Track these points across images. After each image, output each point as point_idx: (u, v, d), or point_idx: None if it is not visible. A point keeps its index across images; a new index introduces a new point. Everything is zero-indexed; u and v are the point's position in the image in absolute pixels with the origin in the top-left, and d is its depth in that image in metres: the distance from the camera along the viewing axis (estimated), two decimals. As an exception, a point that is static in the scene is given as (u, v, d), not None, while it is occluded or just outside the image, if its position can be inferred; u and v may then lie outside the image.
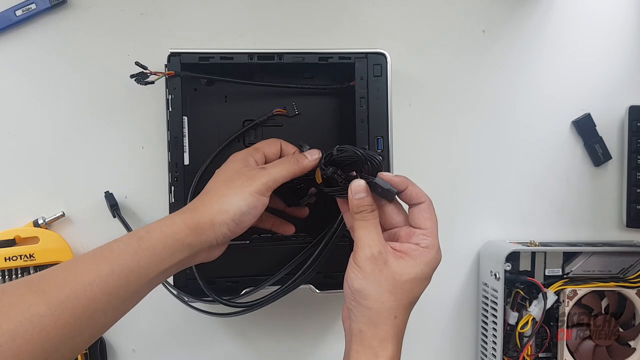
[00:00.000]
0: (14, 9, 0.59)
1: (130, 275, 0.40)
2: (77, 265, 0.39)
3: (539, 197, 0.68)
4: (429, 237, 0.44)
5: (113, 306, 0.39)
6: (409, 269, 0.43)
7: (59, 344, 0.36)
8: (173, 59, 0.53)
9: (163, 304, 0.61)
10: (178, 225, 0.43)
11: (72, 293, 0.37)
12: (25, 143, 0.61)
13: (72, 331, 0.37)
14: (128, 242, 0.41)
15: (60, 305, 0.36)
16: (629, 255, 0.64)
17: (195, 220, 0.44)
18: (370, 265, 0.42)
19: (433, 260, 0.44)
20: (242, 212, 0.45)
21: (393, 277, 0.42)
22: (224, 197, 0.45)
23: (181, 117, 0.53)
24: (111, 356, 0.64)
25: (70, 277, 0.38)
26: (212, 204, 0.45)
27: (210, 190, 0.47)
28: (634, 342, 0.64)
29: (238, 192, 0.45)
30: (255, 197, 0.45)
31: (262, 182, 0.46)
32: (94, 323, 0.38)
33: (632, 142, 0.67)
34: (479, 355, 0.67)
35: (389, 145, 0.56)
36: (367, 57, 0.55)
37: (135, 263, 0.40)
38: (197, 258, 0.45)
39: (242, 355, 0.66)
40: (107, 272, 0.39)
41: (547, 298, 0.61)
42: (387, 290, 0.42)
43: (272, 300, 0.53)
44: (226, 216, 0.44)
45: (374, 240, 0.43)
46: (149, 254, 0.41)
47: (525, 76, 0.67)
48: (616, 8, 0.68)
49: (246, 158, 0.49)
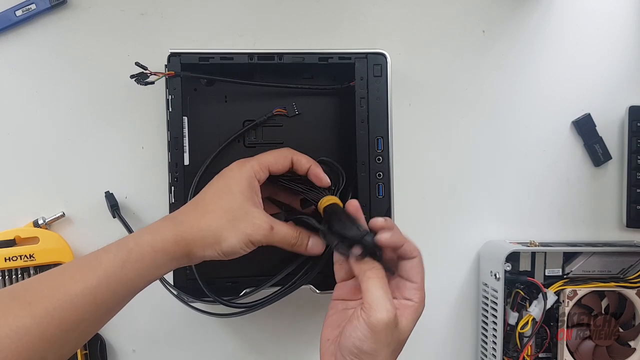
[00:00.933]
0: (14, 9, 0.59)
1: (117, 287, 0.40)
2: (64, 274, 0.39)
3: (539, 197, 0.68)
4: (419, 292, 0.45)
5: (99, 316, 0.40)
6: (408, 327, 0.43)
7: (45, 354, 0.36)
8: (173, 59, 0.53)
9: (163, 304, 0.61)
10: (169, 242, 0.42)
11: (59, 304, 0.37)
12: (25, 143, 0.61)
13: (58, 342, 0.37)
14: (117, 254, 0.41)
15: (47, 317, 0.36)
16: (629, 255, 0.64)
17: (187, 239, 0.43)
18: (386, 330, 0.41)
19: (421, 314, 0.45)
20: (234, 252, 0.45)
21: (399, 337, 0.42)
22: (222, 231, 0.44)
23: (181, 117, 0.53)
24: (111, 356, 0.64)
25: (56, 288, 0.38)
26: (209, 230, 0.44)
27: (209, 205, 0.45)
28: (634, 342, 0.64)
29: (237, 234, 0.44)
30: (251, 246, 0.45)
31: (261, 237, 0.45)
32: (79, 333, 0.38)
33: (632, 142, 0.67)
34: (479, 355, 0.67)
35: (389, 145, 0.56)
36: (367, 57, 0.55)
37: (123, 275, 0.40)
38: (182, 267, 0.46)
39: (242, 356, 0.66)
40: (95, 284, 0.39)
41: (547, 298, 0.61)
42: (393, 350, 0.42)
43: (272, 300, 0.53)
44: (218, 248, 0.44)
45: (391, 303, 0.41)
46: (137, 266, 0.41)
47: (525, 76, 0.67)
48: (616, 8, 0.68)
49: (252, 181, 0.47)
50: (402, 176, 0.63)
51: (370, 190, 0.55)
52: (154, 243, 0.42)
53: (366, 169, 0.55)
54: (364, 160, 0.55)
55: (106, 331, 0.63)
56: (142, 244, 0.42)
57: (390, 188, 0.56)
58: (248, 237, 0.45)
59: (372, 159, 0.55)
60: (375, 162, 0.55)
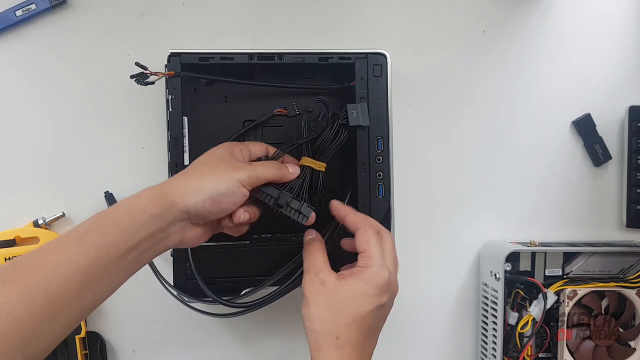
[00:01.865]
0: (14, 9, 0.59)
1: (99, 252, 0.39)
2: (45, 250, 0.39)
3: (539, 197, 0.68)
4: (367, 258, 0.47)
5: (87, 286, 0.38)
6: (347, 287, 0.45)
7: (35, 330, 0.36)
8: (173, 59, 0.53)
9: (163, 304, 0.62)
10: (146, 198, 0.42)
11: (42, 276, 0.37)
12: (25, 143, 0.61)
13: (47, 315, 0.36)
14: (94, 221, 0.40)
15: (31, 290, 0.36)
16: (629, 255, 0.64)
17: (166, 192, 0.43)
18: (310, 287, 0.46)
19: (374, 277, 0.46)
20: (220, 192, 0.44)
21: (331, 296, 0.45)
22: (204, 176, 0.45)
23: (181, 117, 0.53)
24: (111, 356, 0.64)
25: (38, 262, 0.38)
26: (190, 181, 0.44)
27: (190, 169, 0.47)
28: (634, 342, 0.64)
29: (220, 175, 0.45)
30: (236, 184, 0.45)
31: (246, 174, 0.46)
32: (69, 305, 0.38)
33: (632, 142, 0.67)
34: (479, 355, 0.67)
35: (389, 145, 0.56)
36: (367, 57, 0.55)
37: (102, 240, 0.39)
38: (170, 237, 0.43)
39: (242, 356, 0.66)
40: (76, 251, 0.38)
41: (547, 298, 0.61)
42: (326, 309, 0.44)
43: (271, 300, 0.53)
44: (203, 193, 0.43)
45: (312, 266, 0.48)
46: (116, 229, 0.40)
47: (525, 76, 0.67)
48: (616, 8, 0.68)
49: (232, 148, 0.50)
50: (402, 176, 0.63)
51: (370, 190, 0.55)
52: (130, 203, 0.42)
53: (366, 169, 0.55)
54: (364, 160, 0.55)
55: (106, 331, 0.63)
56: (118, 207, 0.41)
57: (390, 188, 0.56)
58: (230, 175, 0.45)
59: (372, 159, 0.55)
60: (375, 162, 0.55)
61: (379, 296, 0.46)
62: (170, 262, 0.54)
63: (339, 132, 0.54)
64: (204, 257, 0.53)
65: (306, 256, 0.50)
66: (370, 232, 0.49)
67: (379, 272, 0.46)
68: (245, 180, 0.46)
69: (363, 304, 0.45)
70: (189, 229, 0.45)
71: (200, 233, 0.46)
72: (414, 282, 0.66)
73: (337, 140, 0.53)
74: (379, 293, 0.46)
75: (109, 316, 0.63)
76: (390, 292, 0.47)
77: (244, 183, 0.46)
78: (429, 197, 0.66)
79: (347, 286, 0.45)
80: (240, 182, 0.45)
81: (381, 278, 0.46)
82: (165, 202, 0.42)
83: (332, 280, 0.46)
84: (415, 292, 0.67)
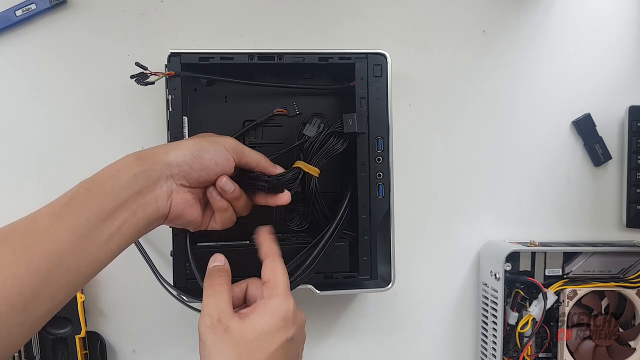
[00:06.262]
0: (14, 9, 0.59)
1: (88, 211, 0.39)
2: (34, 215, 0.39)
3: (539, 197, 0.68)
4: (271, 288, 0.45)
5: (82, 246, 0.39)
6: (252, 327, 0.42)
7: (36, 290, 0.36)
8: (173, 59, 0.53)
9: (163, 304, 0.61)
10: (129, 159, 0.43)
11: (36, 236, 0.37)
12: (25, 143, 0.61)
13: (46, 275, 0.37)
14: (80, 185, 0.41)
15: (27, 250, 0.36)
16: (629, 255, 0.64)
17: (148, 152, 0.44)
18: (211, 335, 0.42)
19: (279, 309, 0.43)
20: (202, 147, 0.46)
21: (237, 343, 0.41)
22: (187, 140, 0.48)
23: (181, 117, 0.53)
24: (111, 356, 0.64)
25: (31, 225, 0.38)
26: (172, 144, 0.46)
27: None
28: (634, 342, 0.64)
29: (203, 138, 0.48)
30: (220, 146, 0.47)
31: (232, 141, 0.48)
32: (67, 266, 0.38)
33: (632, 142, 0.67)
34: (479, 355, 0.67)
35: (389, 145, 0.56)
36: (367, 58, 0.55)
37: (90, 199, 0.40)
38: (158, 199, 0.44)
39: (242, 355, 0.66)
40: (66, 213, 0.39)
41: (547, 298, 0.61)
42: (232, 359, 0.41)
43: (272, 300, 0.53)
44: (184, 149, 0.45)
45: (214, 308, 0.43)
46: (102, 190, 0.41)
47: (525, 76, 0.67)
48: (616, 8, 0.68)
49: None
50: (402, 176, 0.63)
51: (370, 190, 0.55)
52: (113, 166, 0.43)
53: (366, 169, 0.55)
54: (364, 160, 0.55)
55: (106, 331, 0.63)
56: (101, 171, 0.43)
57: (390, 188, 0.56)
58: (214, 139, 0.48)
59: (372, 159, 0.55)
60: (375, 162, 0.55)
61: (285, 330, 0.43)
62: (170, 262, 0.54)
63: (331, 138, 0.54)
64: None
65: (208, 292, 0.45)
66: (279, 263, 0.47)
67: (284, 302, 0.44)
68: (230, 146, 0.48)
69: (271, 341, 0.42)
70: (176, 192, 0.45)
71: (189, 199, 0.46)
72: (414, 282, 0.66)
73: (327, 146, 0.53)
74: (285, 326, 0.43)
75: (109, 316, 0.63)
76: (298, 322, 0.45)
77: (228, 148, 0.47)
78: (429, 197, 0.67)
79: (252, 327, 0.42)
80: (224, 145, 0.47)
81: (286, 308, 0.44)
82: (148, 160, 0.44)
83: (236, 324, 0.42)
84: (415, 292, 0.67)
